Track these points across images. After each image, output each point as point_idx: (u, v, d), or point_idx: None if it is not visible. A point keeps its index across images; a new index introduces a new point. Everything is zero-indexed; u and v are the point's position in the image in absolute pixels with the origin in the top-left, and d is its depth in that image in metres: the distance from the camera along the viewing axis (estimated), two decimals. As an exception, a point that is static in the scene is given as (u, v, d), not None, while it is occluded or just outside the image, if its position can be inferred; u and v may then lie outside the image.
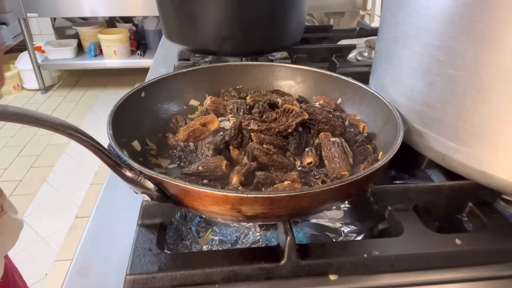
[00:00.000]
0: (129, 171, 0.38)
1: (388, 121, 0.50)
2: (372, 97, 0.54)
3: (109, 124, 0.44)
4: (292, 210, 0.37)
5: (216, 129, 0.54)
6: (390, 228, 0.46)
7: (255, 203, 0.35)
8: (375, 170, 0.38)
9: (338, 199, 0.41)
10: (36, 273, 1.49)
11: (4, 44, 2.91)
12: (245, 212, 0.36)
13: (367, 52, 0.92)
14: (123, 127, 0.47)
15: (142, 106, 0.54)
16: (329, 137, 0.48)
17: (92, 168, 2.12)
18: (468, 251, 0.41)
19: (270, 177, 0.45)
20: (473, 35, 0.40)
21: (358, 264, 0.40)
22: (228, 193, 0.35)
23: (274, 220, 0.43)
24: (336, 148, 0.46)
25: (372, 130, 0.54)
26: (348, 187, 0.37)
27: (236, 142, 0.50)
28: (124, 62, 2.86)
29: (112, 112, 0.47)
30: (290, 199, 0.35)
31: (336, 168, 0.45)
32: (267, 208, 0.36)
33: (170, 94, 0.60)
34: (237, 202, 0.35)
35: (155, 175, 0.37)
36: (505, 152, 0.41)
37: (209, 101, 0.59)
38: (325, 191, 0.36)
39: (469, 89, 0.42)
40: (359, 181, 0.37)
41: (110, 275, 0.41)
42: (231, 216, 0.37)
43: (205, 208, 0.37)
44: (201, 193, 0.35)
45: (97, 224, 0.48)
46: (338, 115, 0.53)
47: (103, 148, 0.37)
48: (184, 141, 0.52)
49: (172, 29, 0.88)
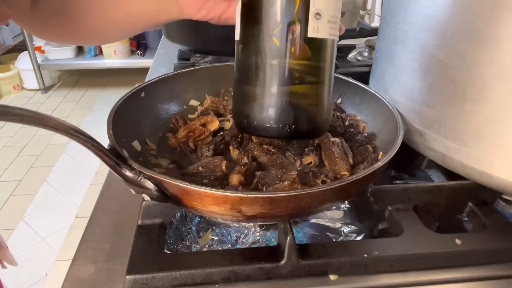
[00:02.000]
0: (129, 171, 0.38)
1: (388, 121, 0.50)
2: (372, 97, 0.54)
3: (109, 124, 0.44)
4: (292, 210, 0.37)
5: (216, 129, 0.54)
6: (390, 228, 0.46)
7: (255, 203, 0.35)
8: (375, 170, 0.38)
9: (338, 199, 0.41)
10: (36, 273, 1.49)
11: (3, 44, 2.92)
12: (245, 212, 0.36)
13: (367, 52, 0.92)
14: (123, 127, 0.47)
15: (142, 106, 0.54)
16: (329, 137, 0.48)
17: (92, 168, 2.12)
18: (468, 251, 0.41)
19: (270, 177, 0.45)
20: (473, 35, 0.40)
21: (358, 264, 0.40)
22: (228, 193, 0.35)
23: (274, 220, 0.43)
24: (336, 148, 0.46)
25: (372, 130, 0.54)
26: (348, 187, 0.37)
27: (236, 142, 0.50)
28: (124, 62, 2.86)
29: (112, 112, 0.47)
30: (290, 199, 0.35)
31: (336, 168, 0.45)
32: (267, 208, 0.36)
33: (170, 94, 0.59)
34: (237, 202, 0.35)
35: (155, 175, 0.37)
36: (505, 152, 0.41)
37: (209, 101, 0.59)
38: (325, 191, 0.36)
39: (469, 89, 0.42)
40: (359, 181, 0.37)
41: (110, 275, 0.41)
42: (231, 216, 0.37)
43: (205, 208, 0.37)
44: (201, 193, 0.35)
45: (97, 224, 0.48)
46: (338, 115, 0.53)
47: (103, 148, 0.37)
48: (184, 141, 0.52)
49: (172, 29, 0.88)
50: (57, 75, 3.25)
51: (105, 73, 3.16)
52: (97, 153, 0.36)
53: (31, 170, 2.12)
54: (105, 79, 3.18)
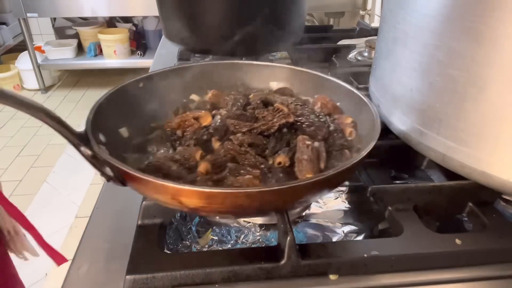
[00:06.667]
0: (89, 151, 0.40)
1: (373, 124, 0.48)
2: (359, 99, 0.52)
3: (93, 109, 0.46)
4: (232, 207, 0.37)
5: (208, 125, 0.54)
6: (390, 228, 0.46)
7: (193, 196, 0.35)
8: (323, 178, 0.37)
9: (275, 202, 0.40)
10: (36, 273, 1.49)
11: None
12: (186, 204, 0.36)
13: (367, 52, 0.92)
14: (115, 113, 0.49)
15: (139, 96, 0.56)
16: (305, 140, 0.48)
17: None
18: (468, 251, 0.41)
19: (240, 170, 0.45)
20: (473, 35, 0.40)
21: (358, 264, 0.40)
22: (166, 183, 0.35)
23: (219, 215, 0.44)
24: (309, 152, 0.46)
25: (363, 133, 0.54)
26: (286, 191, 0.36)
27: (219, 135, 0.51)
28: (124, 62, 2.86)
29: (102, 98, 0.49)
30: (226, 196, 0.35)
31: (302, 169, 0.45)
32: (205, 202, 0.36)
33: (171, 87, 0.60)
34: (176, 193, 0.36)
35: (105, 157, 0.39)
36: (504, 152, 0.41)
37: (210, 94, 0.60)
38: (263, 192, 0.36)
39: (469, 89, 0.42)
40: (299, 188, 0.37)
41: (110, 275, 0.41)
42: (175, 206, 0.38)
43: (151, 195, 0.39)
44: (142, 180, 0.36)
45: (97, 224, 0.48)
46: (324, 120, 0.53)
47: (66, 128, 0.39)
48: (174, 129, 0.53)
49: (172, 29, 0.88)
50: (57, 75, 3.25)
51: (105, 73, 3.16)
52: (60, 131, 0.39)
53: (31, 170, 2.12)
54: (105, 79, 3.17)
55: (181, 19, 0.84)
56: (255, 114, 0.55)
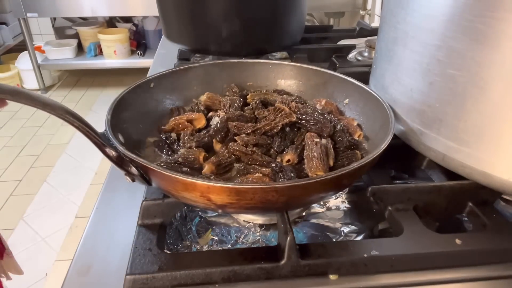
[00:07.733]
0: (114, 152, 0.41)
1: (384, 126, 0.49)
2: (374, 101, 0.53)
3: (110, 110, 0.47)
4: (260, 203, 0.37)
5: (202, 127, 0.55)
6: (390, 228, 0.46)
7: (222, 193, 0.36)
8: (344, 173, 0.38)
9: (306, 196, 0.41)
10: (36, 273, 1.49)
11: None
12: (215, 201, 0.37)
13: (367, 52, 0.92)
14: (128, 114, 0.51)
15: (150, 96, 0.57)
16: (313, 137, 0.48)
17: (92, 168, 2.12)
18: (468, 251, 0.41)
19: (248, 169, 0.46)
20: (473, 35, 0.40)
21: (358, 264, 0.40)
22: (196, 180, 0.36)
23: (247, 212, 0.44)
24: (318, 149, 0.47)
25: (369, 134, 0.54)
26: (302, 188, 0.37)
27: (220, 136, 0.51)
28: (124, 62, 2.86)
29: (121, 95, 0.50)
30: (255, 191, 0.36)
31: (312, 167, 0.45)
32: (234, 198, 0.36)
33: (178, 87, 0.61)
34: (205, 190, 0.36)
35: (135, 158, 0.39)
36: (505, 152, 0.41)
37: (205, 97, 0.59)
38: (291, 187, 0.36)
39: (469, 89, 0.42)
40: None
41: (110, 275, 0.41)
42: (204, 204, 0.39)
43: (179, 194, 0.39)
44: (172, 179, 0.37)
45: (97, 224, 0.48)
46: (330, 118, 0.53)
47: (91, 129, 0.40)
48: (168, 132, 0.53)
49: (172, 29, 0.88)
50: (57, 75, 3.25)
51: (105, 73, 3.16)
52: (86, 133, 0.39)
53: (31, 170, 2.12)
54: (105, 79, 3.18)
55: (181, 19, 0.84)
56: (254, 115, 0.55)
